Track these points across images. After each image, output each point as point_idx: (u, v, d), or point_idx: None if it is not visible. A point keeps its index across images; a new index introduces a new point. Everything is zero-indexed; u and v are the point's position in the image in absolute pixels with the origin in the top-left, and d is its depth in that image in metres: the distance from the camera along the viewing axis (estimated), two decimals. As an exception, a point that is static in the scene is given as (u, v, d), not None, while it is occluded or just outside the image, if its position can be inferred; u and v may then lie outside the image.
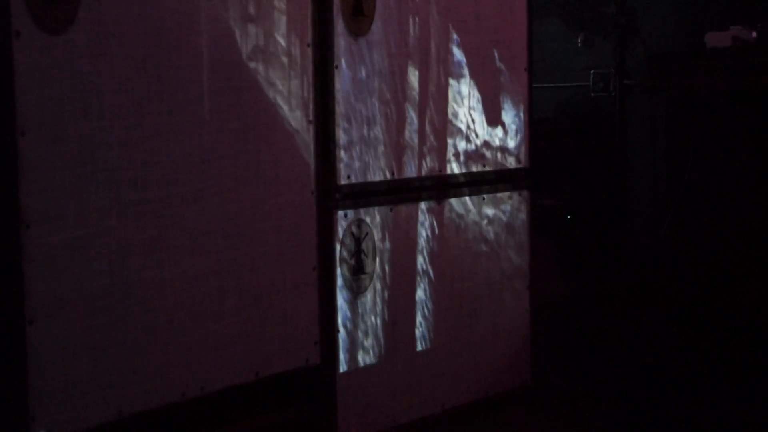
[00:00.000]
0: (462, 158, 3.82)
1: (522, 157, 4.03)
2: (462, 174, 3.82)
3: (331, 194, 3.40)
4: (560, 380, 4.25)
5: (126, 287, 2.87)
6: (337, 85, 3.39)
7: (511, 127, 4.00)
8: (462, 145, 3.82)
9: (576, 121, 5.84)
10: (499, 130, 3.95)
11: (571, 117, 5.87)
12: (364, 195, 3.50)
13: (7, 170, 2.62)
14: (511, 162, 4.00)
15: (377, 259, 3.53)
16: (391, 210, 3.58)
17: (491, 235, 3.94)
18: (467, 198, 3.85)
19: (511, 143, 3.99)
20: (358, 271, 3.47)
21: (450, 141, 3.78)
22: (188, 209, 3.02)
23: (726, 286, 4.79)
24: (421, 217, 3.68)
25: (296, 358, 3.34)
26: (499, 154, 3.95)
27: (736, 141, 4.87)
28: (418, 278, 3.68)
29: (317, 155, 3.37)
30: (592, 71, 5.69)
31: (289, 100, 3.29)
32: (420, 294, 3.68)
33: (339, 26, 3.38)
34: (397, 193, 3.60)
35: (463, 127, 3.83)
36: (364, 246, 3.49)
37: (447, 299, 3.78)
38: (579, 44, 5.80)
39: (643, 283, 5.21)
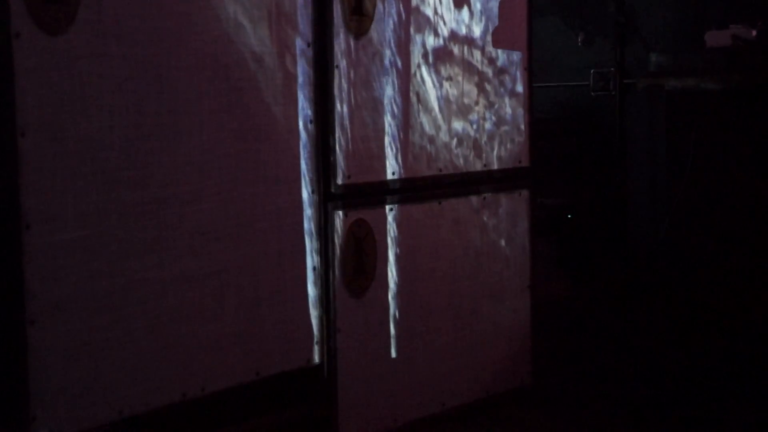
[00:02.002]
0: (463, 157, 3.82)
1: (522, 156, 4.03)
2: (463, 173, 3.82)
3: (331, 194, 3.40)
4: (560, 380, 4.25)
5: (126, 287, 2.87)
6: (338, 85, 3.39)
7: (512, 126, 4.00)
8: (463, 144, 3.82)
9: (576, 120, 5.85)
10: (499, 129, 3.95)
11: (572, 116, 5.87)
12: (364, 195, 3.49)
13: (7, 170, 2.62)
14: (511, 161, 4.00)
15: (377, 259, 3.53)
16: (392, 210, 3.58)
17: (492, 235, 3.94)
18: (468, 197, 3.84)
19: (512, 143, 3.99)
20: (358, 271, 3.47)
21: (451, 141, 3.78)
22: (188, 209, 3.02)
23: (726, 285, 4.80)
24: (421, 217, 3.68)
25: (297, 358, 3.34)
26: (499, 154, 3.95)
27: (736, 139, 4.87)
28: (419, 278, 3.67)
29: (318, 155, 3.37)
30: (592, 70, 5.70)
31: (289, 100, 3.29)
32: (420, 294, 3.68)
33: (339, 26, 3.38)
34: (398, 192, 3.60)
35: (464, 127, 3.83)
36: (364, 246, 3.49)
37: (447, 299, 3.78)
38: (579, 43, 5.81)
39: (643, 282, 5.21)
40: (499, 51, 3.96)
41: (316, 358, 3.39)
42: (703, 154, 4.93)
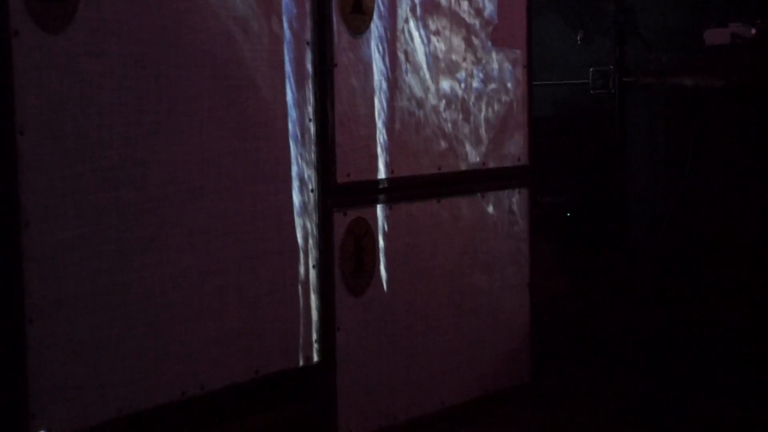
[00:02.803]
0: (462, 156, 3.82)
1: (522, 154, 4.03)
2: (462, 172, 3.82)
3: (331, 192, 3.40)
4: (560, 378, 4.26)
5: (125, 286, 2.87)
6: (336, 83, 3.38)
7: (511, 124, 4.00)
8: (462, 142, 3.82)
9: (575, 119, 5.84)
10: (498, 128, 3.95)
11: (571, 114, 5.87)
12: (363, 193, 3.50)
13: (6, 169, 2.62)
14: (510, 160, 4.00)
15: (377, 258, 3.53)
16: (391, 208, 3.58)
17: (491, 233, 3.94)
18: (467, 196, 3.84)
19: (511, 141, 3.99)
20: (357, 269, 3.47)
21: (449, 137, 3.78)
22: (187, 208, 3.02)
23: (725, 283, 4.79)
24: (421, 215, 3.68)
25: (296, 357, 3.34)
26: (498, 152, 3.95)
27: (736, 138, 4.87)
28: (418, 276, 3.68)
29: (317, 153, 3.37)
30: (591, 68, 5.70)
31: (288, 99, 3.29)
32: (420, 292, 3.68)
33: (338, 24, 3.38)
34: (397, 191, 3.60)
35: (463, 124, 3.83)
36: (363, 244, 3.49)
37: (447, 297, 3.78)
38: (578, 41, 5.80)
39: (643, 280, 5.21)
40: (501, 45, 3.95)
41: (316, 357, 3.39)
42: (702, 152, 4.92)
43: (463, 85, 3.82)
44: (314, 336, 3.38)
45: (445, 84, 3.76)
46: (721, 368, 4.34)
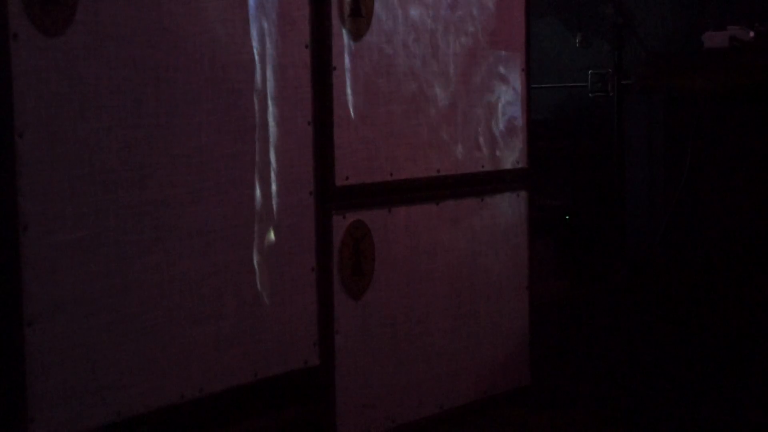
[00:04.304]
0: (461, 159, 3.82)
1: (520, 157, 4.03)
2: (460, 175, 3.82)
3: (330, 195, 3.40)
4: (559, 380, 4.25)
5: (124, 289, 2.87)
6: (335, 86, 3.39)
7: (510, 127, 4.00)
8: (461, 145, 3.82)
9: (574, 122, 5.85)
10: (497, 131, 3.95)
11: (569, 117, 5.87)
12: (362, 196, 3.49)
13: (5, 172, 2.62)
14: (509, 162, 4.00)
15: (376, 261, 3.53)
16: (390, 211, 3.58)
17: (490, 236, 3.94)
18: (466, 199, 3.84)
19: (510, 144, 3.99)
20: (356, 272, 3.47)
21: (449, 142, 3.78)
22: (186, 210, 3.02)
23: (725, 286, 4.80)
24: (419, 218, 3.68)
25: (295, 360, 3.34)
26: (497, 155, 3.95)
27: (734, 141, 4.87)
28: (417, 279, 3.68)
29: (316, 156, 3.37)
30: (589, 71, 5.70)
31: (287, 101, 3.29)
32: (418, 295, 3.68)
33: (337, 27, 3.38)
34: (396, 194, 3.60)
35: (462, 128, 3.83)
36: (362, 247, 3.49)
37: (445, 300, 3.78)
38: (577, 44, 5.80)
39: (642, 282, 5.21)
40: (499, 48, 3.95)
41: (315, 360, 3.39)
42: (701, 155, 4.93)
43: (464, 86, 3.82)
44: (313, 339, 3.38)
45: (444, 87, 3.76)
46: (721, 371, 4.34)
